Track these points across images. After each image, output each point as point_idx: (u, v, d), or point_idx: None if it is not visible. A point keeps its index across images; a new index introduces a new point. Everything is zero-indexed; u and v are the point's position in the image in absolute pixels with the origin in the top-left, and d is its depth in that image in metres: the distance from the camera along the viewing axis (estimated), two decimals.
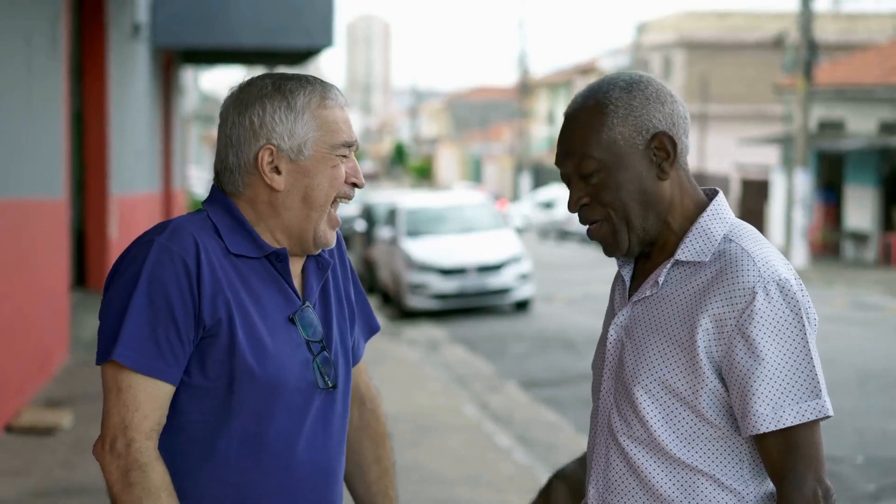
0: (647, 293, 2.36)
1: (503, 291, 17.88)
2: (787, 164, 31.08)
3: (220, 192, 2.45)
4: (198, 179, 45.64)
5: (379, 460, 2.73)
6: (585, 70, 60.72)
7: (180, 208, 25.26)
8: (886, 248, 28.77)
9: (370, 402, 2.74)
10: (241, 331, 2.34)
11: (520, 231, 29.11)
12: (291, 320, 2.41)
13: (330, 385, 2.46)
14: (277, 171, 2.40)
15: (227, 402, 2.36)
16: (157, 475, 2.29)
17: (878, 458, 8.45)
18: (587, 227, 2.39)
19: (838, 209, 31.36)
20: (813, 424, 2.25)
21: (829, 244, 30.23)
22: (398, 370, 11.77)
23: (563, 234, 39.15)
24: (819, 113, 31.85)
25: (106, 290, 2.39)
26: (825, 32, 38.48)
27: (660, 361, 2.30)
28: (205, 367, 2.35)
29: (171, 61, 23.32)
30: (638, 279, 2.42)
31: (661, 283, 2.34)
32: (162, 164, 21.34)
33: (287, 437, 2.39)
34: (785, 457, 2.24)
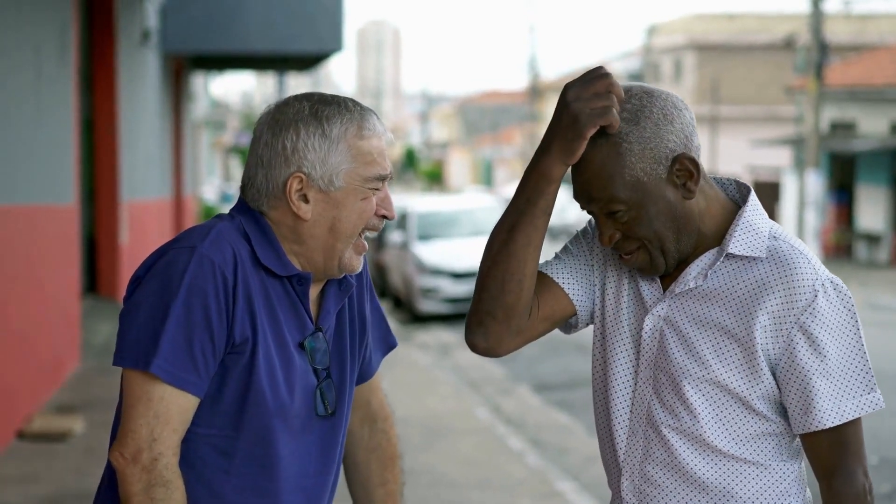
0: (692, 285, 2.33)
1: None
2: (799, 165, 31.02)
3: (248, 206, 2.39)
4: (209, 185, 45.70)
5: (385, 483, 2.67)
6: None
7: (191, 214, 25.28)
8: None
9: (382, 421, 2.68)
10: (262, 352, 2.31)
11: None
12: (301, 346, 2.38)
13: (329, 411, 2.43)
14: (305, 199, 2.33)
15: (237, 420, 2.32)
16: (178, 495, 2.25)
17: (892, 458, 8.41)
18: (620, 255, 2.36)
19: (850, 210, 31.28)
20: (859, 421, 2.28)
21: (842, 245, 30.14)
22: (410, 374, 11.75)
23: (567, 233, 39.16)
24: (830, 114, 31.79)
25: (134, 289, 2.30)
26: (836, 33, 38.38)
27: (715, 359, 2.29)
28: (224, 384, 2.30)
29: (180, 67, 23.36)
30: (671, 273, 2.38)
31: (709, 275, 2.32)
32: (172, 170, 21.36)
33: (283, 460, 2.36)
34: (835, 452, 2.27)
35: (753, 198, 2.36)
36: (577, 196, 2.33)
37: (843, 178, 31.69)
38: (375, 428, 2.67)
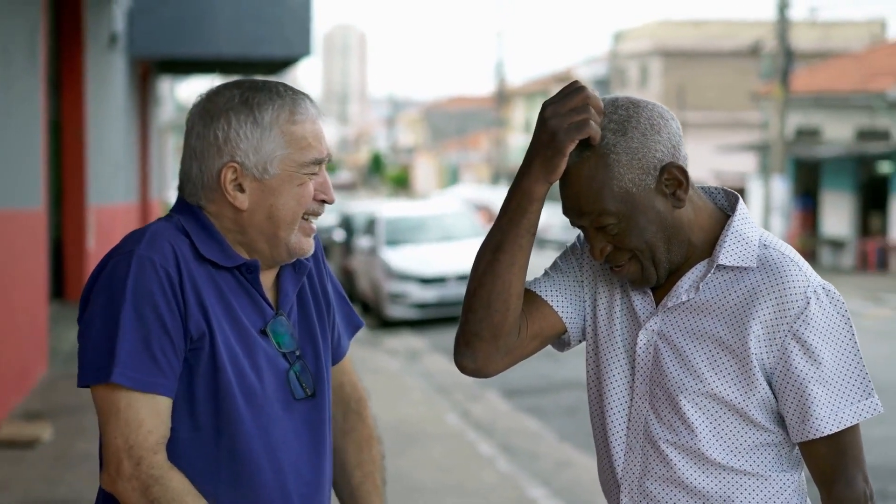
0: (684, 298, 2.32)
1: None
2: (765, 171, 31.21)
3: (187, 202, 2.37)
4: (175, 190, 45.44)
5: (361, 465, 2.63)
6: (562, 79, 60.81)
7: (157, 217, 25.16)
8: (863, 255, 28.90)
9: (356, 402, 2.64)
10: (222, 345, 2.28)
11: None
12: (264, 332, 2.35)
13: (309, 393, 2.40)
14: (241, 188, 2.31)
15: (215, 417, 2.29)
16: (176, 483, 2.22)
17: (872, 464, 8.44)
18: (610, 268, 2.34)
19: (815, 216, 31.49)
20: (857, 427, 2.27)
21: (807, 251, 30.32)
22: (379, 380, 11.72)
23: (542, 243, 39.21)
24: (796, 120, 31.99)
25: (85, 306, 2.29)
26: (801, 40, 38.64)
27: (710, 371, 2.28)
28: (192, 383, 2.28)
29: (147, 71, 23.25)
30: (663, 285, 2.37)
31: (701, 287, 2.31)
32: (139, 175, 21.26)
33: (272, 448, 2.33)
34: (835, 459, 2.26)
35: (742, 206, 2.35)
36: (567, 211, 2.31)
37: (808, 184, 31.90)
38: (350, 410, 2.63)
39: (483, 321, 2.34)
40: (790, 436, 2.29)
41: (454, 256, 18.14)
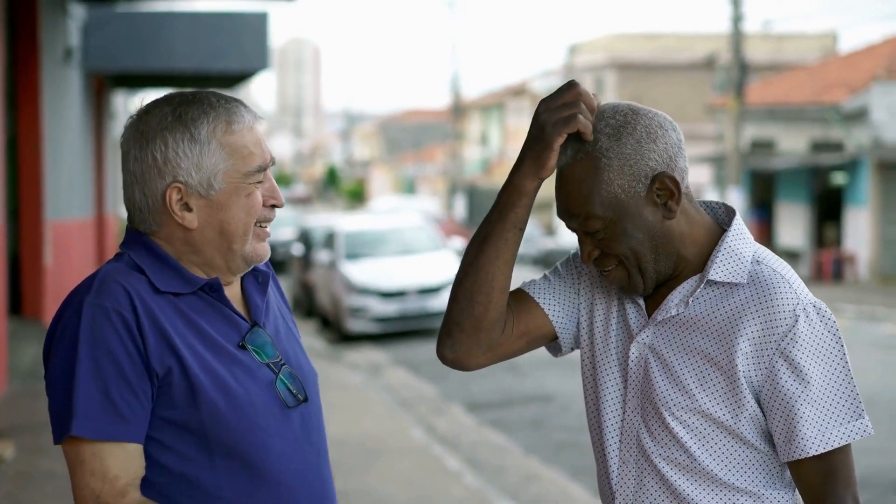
0: (674, 312, 2.30)
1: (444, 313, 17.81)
2: (720, 182, 31.40)
3: (136, 232, 2.31)
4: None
5: None
6: (517, 91, 60.97)
7: (112, 233, 24.97)
8: (819, 265, 29.13)
9: None
10: (199, 371, 2.23)
11: (460, 254, 29.08)
12: (242, 346, 2.30)
13: (301, 399, 2.35)
14: (188, 207, 2.26)
15: (206, 444, 2.24)
16: None
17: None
18: (601, 271, 2.33)
19: (771, 227, 31.72)
20: (848, 447, 2.23)
21: None
22: (342, 394, 11.66)
23: None
24: (751, 132, 32.23)
25: (45, 361, 2.26)
26: (756, 53, 38.95)
27: (698, 388, 2.25)
28: (174, 419, 2.23)
29: (102, 86, 23.09)
30: (653, 298, 2.35)
31: (690, 302, 2.29)
32: (94, 189, 21.09)
33: (274, 461, 2.28)
34: (824, 480, 2.22)
35: (738, 221, 2.33)
36: (559, 212, 2.31)
37: (764, 196, 32.14)
38: None
39: (465, 311, 2.35)
40: (778, 455, 2.27)
41: (414, 270, 18.11)
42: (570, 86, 2.25)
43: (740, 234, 2.31)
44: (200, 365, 2.23)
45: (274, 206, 2.34)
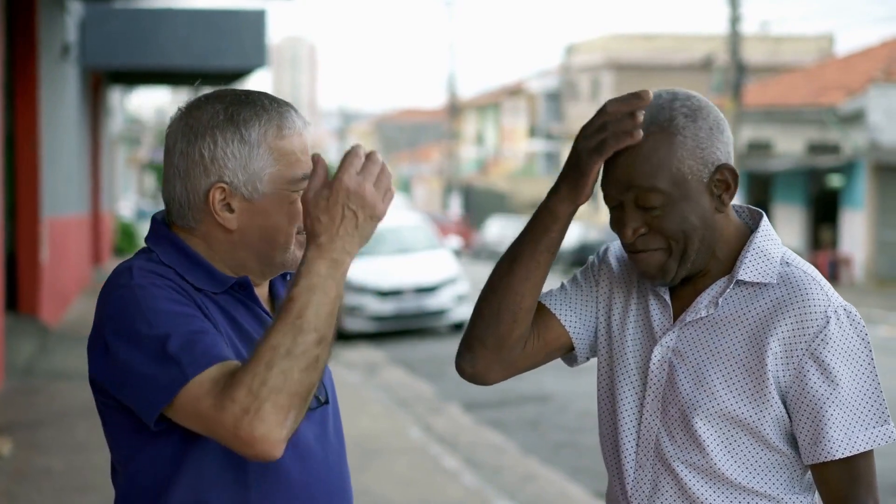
0: (703, 314, 2.28)
1: (440, 313, 17.80)
2: None
3: (166, 228, 2.26)
4: (125, 201, 45.09)
5: None
6: (514, 91, 61.04)
7: (108, 230, 24.95)
8: (815, 267, 29.16)
9: None
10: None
11: (457, 253, 29.01)
12: None
13: (322, 400, 2.32)
14: (230, 209, 2.20)
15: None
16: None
17: None
18: (634, 252, 2.28)
19: None
20: (871, 452, 2.22)
21: None
22: (339, 393, 11.45)
23: (495, 256, 39.26)
24: (747, 134, 32.23)
25: (104, 359, 2.12)
26: (753, 54, 38.98)
27: (724, 388, 2.23)
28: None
29: (98, 82, 23.08)
30: (680, 300, 2.33)
31: (720, 303, 2.27)
32: (90, 186, 21.07)
33: (294, 463, 2.24)
34: (847, 484, 2.21)
35: (766, 223, 2.32)
36: (612, 185, 2.25)
37: (760, 197, 32.14)
38: None
39: (489, 329, 2.34)
40: (802, 457, 2.25)
41: (411, 269, 18.08)
42: (600, 110, 2.23)
43: (769, 235, 2.31)
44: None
45: None
